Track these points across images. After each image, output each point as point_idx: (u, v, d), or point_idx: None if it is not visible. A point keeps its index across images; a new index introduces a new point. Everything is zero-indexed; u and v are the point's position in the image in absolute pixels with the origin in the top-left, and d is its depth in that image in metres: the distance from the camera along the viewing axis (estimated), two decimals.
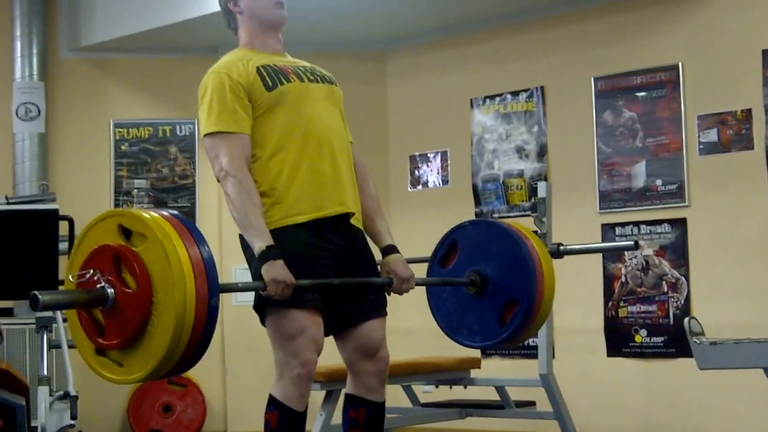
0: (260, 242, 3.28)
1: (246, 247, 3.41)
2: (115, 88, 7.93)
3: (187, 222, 3.03)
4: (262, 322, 3.44)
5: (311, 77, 3.59)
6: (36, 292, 2.83)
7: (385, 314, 3.58)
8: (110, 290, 2.94)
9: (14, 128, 7.53)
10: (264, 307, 3.39)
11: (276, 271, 3.23)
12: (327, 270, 3.42)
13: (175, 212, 3.07)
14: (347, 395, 3.60)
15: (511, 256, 3.85)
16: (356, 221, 3.58)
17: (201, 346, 2.95)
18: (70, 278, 3.05)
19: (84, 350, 3.10)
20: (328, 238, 3.45)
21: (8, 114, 7.55)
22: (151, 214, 2.99)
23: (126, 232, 2.99)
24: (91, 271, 2.98)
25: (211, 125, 3.42)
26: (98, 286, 2.96)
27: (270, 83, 3.48)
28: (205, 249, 2.96)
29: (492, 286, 3.86)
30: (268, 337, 3.42)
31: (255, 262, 3.32)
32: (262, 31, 3.64)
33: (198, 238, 2.97)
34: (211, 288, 2.92)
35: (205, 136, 3.45)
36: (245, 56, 3.55)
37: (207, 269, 2.92)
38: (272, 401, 3.40)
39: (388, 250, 3.63)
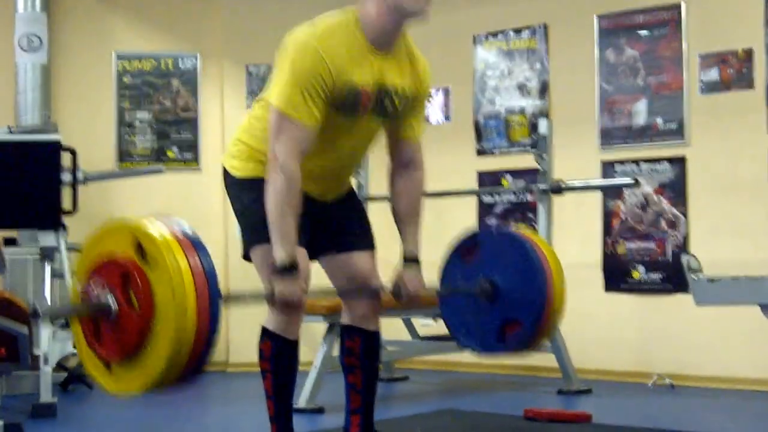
0: (283, 253, 3.28)
1: (230, 183, 3.49)
2: (118, 20, 7.88)
3: (197, 241, 2.94)
4: (248, 258, 3.55)
5: (387, 109, 3.45)
6: (35, 307, 2.95)
7: (373, 248, 3.65)
8: (114, 306, 2.92)
9: (16, 59, 7.50)
10: (249, 249, 3.49)
11: (290, 288, 3.30)
12: (304, 215, 3.36)
13: (194, 236, 2.96)
14: (343, 326, 3.70)
15: (526, 277, 3.87)
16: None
17: (196, 370, 2.94)
18: (77, 287, 3.03)
19: (84, 355, 3.09)
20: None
21: (11, 45, 7.52)
22: (165, 239, 2.88)
23: (140, 248, 2.92)
24: (98, 281, 2.96)
25: (283, 102, 3.27)
26: (102, 300, 2.94)
27: (344, 110, 3.35)
28: (213, 280, 2.89)
29: (501, 299, 3.88)
30: (258, 274, 3.52)
31: (239, 204, 3.44)
32: (389, 15, 3.32)
33: (209, 272, 2.89)
34: (212, 324, 2.89)
35: (272, 106, 3.31)
36: (353, 43, 3.33)
37: (211, 313, 2.88)
38: (265, 332, 3.56)
39: (407, 259, 3.63)
